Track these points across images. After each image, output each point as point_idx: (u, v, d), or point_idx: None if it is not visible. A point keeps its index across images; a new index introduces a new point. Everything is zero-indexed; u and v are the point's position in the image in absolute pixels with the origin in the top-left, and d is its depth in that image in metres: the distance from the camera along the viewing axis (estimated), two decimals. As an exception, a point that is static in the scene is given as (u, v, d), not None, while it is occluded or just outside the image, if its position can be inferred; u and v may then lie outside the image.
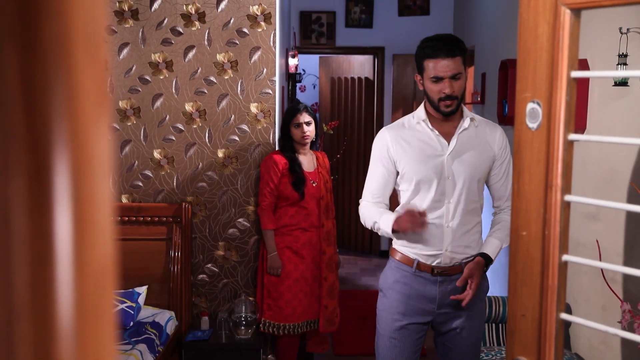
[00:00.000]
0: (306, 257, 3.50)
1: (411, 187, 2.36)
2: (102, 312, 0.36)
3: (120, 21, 3.56)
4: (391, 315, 2.40)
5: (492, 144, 2.40)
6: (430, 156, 2.34)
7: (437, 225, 2.33)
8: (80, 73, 0.34)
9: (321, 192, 3.54)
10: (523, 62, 0.74)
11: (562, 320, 0.74)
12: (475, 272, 2.28)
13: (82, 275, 0.34)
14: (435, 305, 2.37)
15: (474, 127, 2.39)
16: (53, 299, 0.33)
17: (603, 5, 0.70)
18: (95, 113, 0.35)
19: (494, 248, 2.36)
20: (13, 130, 0.32)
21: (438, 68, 2.28)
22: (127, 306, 3.22)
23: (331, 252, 3.59)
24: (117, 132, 3.62)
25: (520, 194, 0.76)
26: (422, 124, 2.38)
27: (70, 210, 0.33)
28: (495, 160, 2.40)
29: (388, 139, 2.40)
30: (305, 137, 3.47)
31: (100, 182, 0.35)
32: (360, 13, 6.51)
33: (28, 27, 0.32)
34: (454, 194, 2.33)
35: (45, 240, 0.33)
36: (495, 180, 2.42)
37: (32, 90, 0.32)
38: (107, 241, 0.36)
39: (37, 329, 0.33)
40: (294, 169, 3.46)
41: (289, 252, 3.48)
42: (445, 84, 2.28)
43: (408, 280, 2.39)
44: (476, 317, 2.42)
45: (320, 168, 3.60)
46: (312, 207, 3.50)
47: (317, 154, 3.65)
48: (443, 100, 2.30)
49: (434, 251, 2.34)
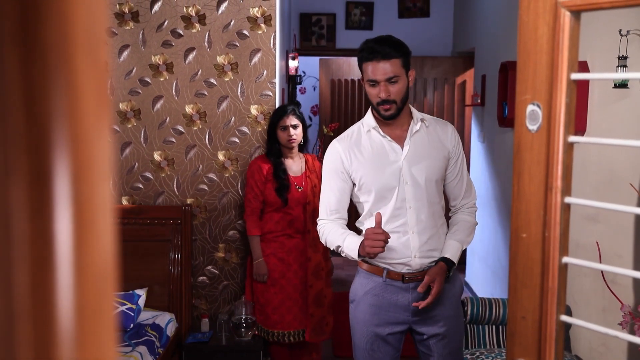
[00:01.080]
0: (293, 264, 3.38)
1: (371, 197, 2.29)
2: (102, 314, 0.36)
3: (120, 23, 3.57)
4: (365, 327, 2.34)
5: (445, 143, 2.34)
6: (386, 163, 2.28)
7: (402, 232, 2.27)
8: (81, 75, 0.34)
9: (307, 197, 3.39)
10: (523, 64, 0.74)
11: (563, 322, 0.75)
12: (436, 276, 2.21)
13: (82, 277, 0.34)
14: (409, 313, 2.31)
15: (425, 127, 2.34)
16: (53, 301, 0.33)
17: (603, 7, 0.70)
18: (95, 115, 0.35)
19: (454, 250, 2.30)
20: (13, 132, 0.32)
21: (373, 71, 2.22)
22: (127, 308, 3.22)
23: (318, 258, 3.42)
24: (118, 134, 3.62)
25: (520, 195, 0.76)
26: (372, 131, 2.32)
27: (71, 212, 0.33)
28: (450, 159, 2.35)
29: (340, 151, 2.33)
30: (291, 141, 3.33)
31: (100, 184, 0.35)
32: (361, 15, 6.51)
33: (28, 29, 0.32)
34: (414, 198, 2.27)
35: (46, 242, 0.33)
36: (450, 179, 2.37)
37: (32, 92, 0.33)
38: (107, 243, 0.36)
39: (37, 331, 0.33)
40: (277, 174, 3.34)
41: (275, 259, 3.38)
42: (380, 88, 2.22)
43: (379, 291, 2.32)
44: (453, 321, 2.36)
45: (308, 172, 3.44)
46: (298, 213, 3.37)
47: (307, 156, 3.49)
48: (381, 104, 2.24)
49: (402, 259, 2.28)
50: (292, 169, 3.40)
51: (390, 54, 2.21)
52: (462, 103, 6.07)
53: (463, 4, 5.95)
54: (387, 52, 2.21)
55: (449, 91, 6.16)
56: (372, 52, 2.22)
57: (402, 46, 2.28)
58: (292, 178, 3.38)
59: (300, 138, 3.37)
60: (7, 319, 0.33)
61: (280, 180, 3.33)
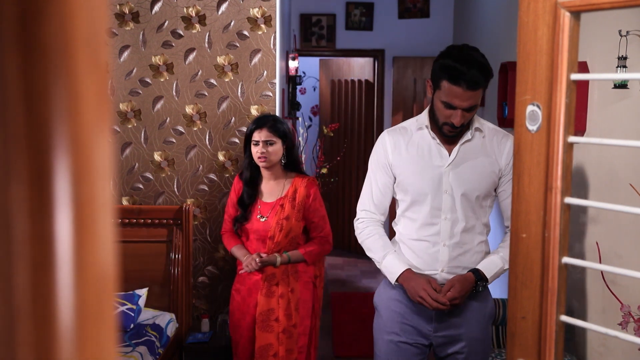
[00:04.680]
0: (251, 307, 2.88)
1: (407, 197, 2.19)
2: (102, 315, 0.36)
3: (121, 24, 3.57)
4: (387, 335, 2.22)
5: (499, 158, 2.17)
6: (428, 167, 2.15)
7: (433, 242, 2.15)
8: (81, 76, 0.34)
9: (271, 232, 2.83)
10: (523, 64, 0.74)
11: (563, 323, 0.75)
12: (456, 283, 2.08)
13: (82, 278, 0.34)
14: (431, 327, 2.19)
15: (481, 137, 2.18)
16: (54, 302, 0.33)
17: (602, 8, 0.70)
18: (96, 115, 0.35)
19: (492, 266, 2.15)
20: (14, 133, 0.32)
21: (454, 96, 2.02)
22: (127, 308, 3.22)
23: (271, 306, 2.83)
24: (118, 134, 3.63)
25: (520, 196, 0.76)
26: (424, 129, 2.18)
27: (71, 212, 0.34)
28: (503, 176, 2.18)
29: (387, 143, 2.22)
30: (260, 159, 2.80)
31: (100, 185, 0.35)
32: (361, 16, 6.51)
33: (29, 30, 0.32)
34: (451, 210, 2.13)
35: (46, 243, 0.33)
36: (503, 198, 2.21)
37: (32, 92, 0.33)
38: (107, 244, 0.36)
39: (38, 332, 0.33)
40: (241, 198, 2.91)
41: (239, 297, 2.93)
42: (456, 114, 2.04)
43: (403, 298, 2.20)
44: (478, 345, 2.21)
45: (287, 200, 2.85)
46: (256, 248, 2.86)
47: (297, 180, 2.89)
48: (447, 125, 2.09)
49: (428, 271, 2.15)
50: (265, 194, 2.91)
51: (478, 84, 2.00)
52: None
53: (463, 4, 5.95)
54: (475, 81, 1.99)
55: (449, 91, 6.16)
56: (459, 77, 1.99)
57: (489, 71, 2.05)
58: (261, 205, 2.89)
59: (275, 157, 2.82)
60: (7, 319, 0.33)
61: (241, 206, 2.90)
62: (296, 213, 2.85)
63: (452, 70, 2.00)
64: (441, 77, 2.04)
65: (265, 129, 2.80)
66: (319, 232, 2.95)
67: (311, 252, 2.91)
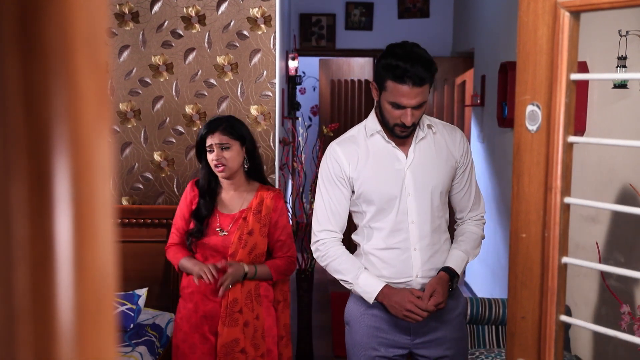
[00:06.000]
0: (209, 338, 2.51)
1: (371, 208, 2.09)
2: (102, 315, 0.36)
3: (120, 24, 3.57)
4: (364, 351, 2.12)
5: (454, 151, 2.14)
6: (389, 171, 2.07)
7: (404, 249, 2.07)
8: (81, 76, 0.34)
9: (232, 248, 2.49)
10: (522, 64, 0.74)
11: (562, 322, 0.75)
12: (436, 286, 2.02)
13: (82, 278, 0.34)
14: (409, 337, 2.11)
15: (432, 134, 2.12)
16: (53, 302, 0.33)
17: (602, 8, 0.70)
18: (95, 115, 0.35)
19: (459, 261, 2.10)
20: (14, 132, 0.32)
21: (401, 95, 1.96)
22: (127, 308, 3.22)
23: (235, 336, 2.46)
24: (118, 134, 3.63)
25: (520, 196, 0.76)
26: (376, 135, 2.10)
27: (71, 212, 0.34)
28: (458, 169, 2.14)
29: (341, 156, 2.10)
30: (217, 168, 2.48)
31: (100, 185, 0.35)
32: (360, 15, 6.52)
33: (29, 30, 0.32)
34: (417, 212, 2.07)
35: (46, 243, 0.33)
36: (457, 190, 2.18)
37: (32, 92, 0.33)
38: (107, 243, 0.36)
39: (37, 332, 0.33)
40: (197, 210, 2.55)
41: (188, 327, 2.53)
42: (406, 113, 1.98)
43: (377, 311, 2.10)
44: (460, 344, 2.18)
45: (250, 212, 2.52)
46: None
47: (262, 192, 2.56)
48: (399, 126, 2.02)
49: (402, 279, 2.08)
50: (225, 205, 2.57)
51: (424, 80, 1.95)
52: (462, 103, 6.07)
53: (463, 4, 5.95)
54: (421, 77, 1.94)
55: (449, 91, 6.16)
56: (404, 75, 1.94)
57: (433, 66, 1.99)
58: (220, 217, 2.55)
59: (234, 164, 2.48)
60: (7, 319, 0.33)
61: (197, 219, 2.54)
62: (261, 227, 2.52)
63: (395, 69, 1.95)
64: (385, 77, 1.99)
65: (219, 132, 2.47)
66: (285, 251, 2.59)
67: (278, 267, 2.55)
